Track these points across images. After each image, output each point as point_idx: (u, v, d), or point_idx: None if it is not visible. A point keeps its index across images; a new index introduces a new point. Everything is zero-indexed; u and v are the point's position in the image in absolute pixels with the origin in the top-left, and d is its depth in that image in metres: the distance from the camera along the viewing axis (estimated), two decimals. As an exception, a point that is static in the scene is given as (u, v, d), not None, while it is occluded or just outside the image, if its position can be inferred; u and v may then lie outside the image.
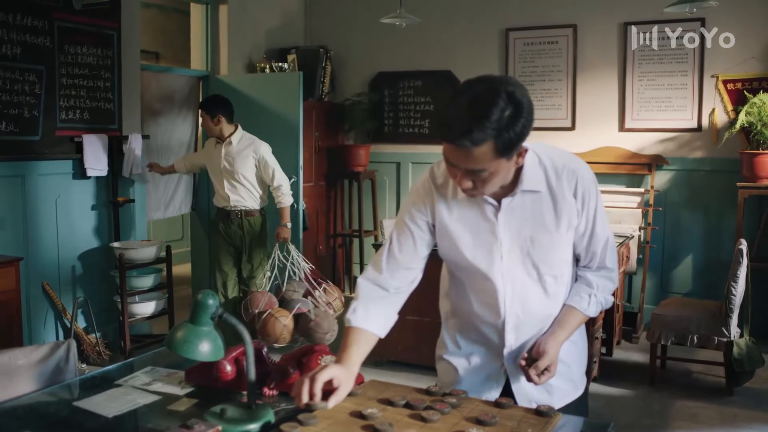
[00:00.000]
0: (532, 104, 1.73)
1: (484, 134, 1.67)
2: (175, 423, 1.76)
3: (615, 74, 6.36)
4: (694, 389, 4.86)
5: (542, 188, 1.91)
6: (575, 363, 2.13)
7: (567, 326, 2.00)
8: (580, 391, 2.14)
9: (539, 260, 1.96)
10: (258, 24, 7.08)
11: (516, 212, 1.92)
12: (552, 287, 1.99)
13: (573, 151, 6.31)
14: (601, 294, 2.05)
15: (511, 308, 1.98)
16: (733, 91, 5.99)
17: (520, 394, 2.02)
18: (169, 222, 8.06)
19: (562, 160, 1.95)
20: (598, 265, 2.05)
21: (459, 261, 2.00)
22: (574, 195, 1.93)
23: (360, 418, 1.68)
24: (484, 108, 1.67)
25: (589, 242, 2.01)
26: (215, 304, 1.74)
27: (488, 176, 1.76)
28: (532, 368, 1.88)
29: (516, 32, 6.69)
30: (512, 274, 1.96)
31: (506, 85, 1.70)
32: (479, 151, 1.69)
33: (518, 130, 1.70)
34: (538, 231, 1.93)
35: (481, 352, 2.07)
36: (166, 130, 6.36)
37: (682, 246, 6.27)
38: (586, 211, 1.96)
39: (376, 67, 7.31)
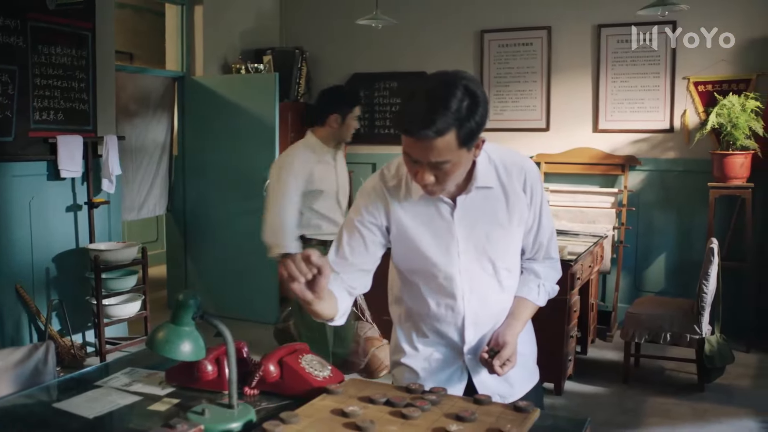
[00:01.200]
0: (486, 97, 1.78)
1: (447, 124, 1.70)
2: (157, 423, 1.76)
3: (589, 76, 6.43)
4: (667, 386, 4.93)
5: (494, 184, 1.97)
6: (529, 352, 2.19)
7: (521, 317, 2.07)
8: (536, 380, 2.20)
9: (494, 255, 2.00)
10: (233, 25, 7.07)
11: (471, 209, 1.96)
12: (506, 280, 2.05)
13: (547, 152, 6.47)
14: (549, 284, 2.14)
15: (470, 305, 2.01)
16: (703, 93, 6.08)
17: (483, 387, 2.04)
18: (144, 223, 8.02)
19: (510, 156, 2.02)
20: (544, 256, 2.13)
21: (416, 262, 2.02)
22: (523, 190, 2.00)
23: (341, 416, 1.69)
24: (443, 99, 1.71)
25: (536, 234, 2.08)
26: (196, 303, 1.75)
27: (450, 168, 1.79)
28: (496, 359, 1.92)
29: (491, 34, 6.74)
30: (469, 271, 1.99)
31: (461, 78, 1.75)
32: (442, 142, 1.72)
33: (478, 119, 1.75)
34: (492, 227, 1.98)
35: (441, 352, 2.08)
36: (141, 131, 6.33)
37: (655, 245, 6.35)
38: (534, 205, 2.03)
39: (352, 68, 7.32)
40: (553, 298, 2.24)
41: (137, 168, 6.32)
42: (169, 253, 7.06)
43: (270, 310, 6.38)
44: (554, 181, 6.50)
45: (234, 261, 6.52)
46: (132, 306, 5.37)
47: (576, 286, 4.72)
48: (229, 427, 1.69)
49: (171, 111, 6.67)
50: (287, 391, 1.91)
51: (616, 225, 6.18)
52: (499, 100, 6.72)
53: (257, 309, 6.39)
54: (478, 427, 1.64)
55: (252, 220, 6.38)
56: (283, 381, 1.92)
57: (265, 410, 1.83)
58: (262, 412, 1.81)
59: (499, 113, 6.74)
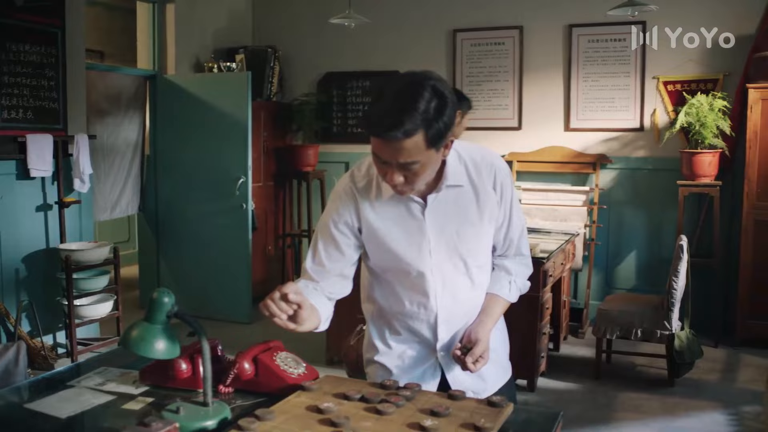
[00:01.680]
0: (454, 98, 1.79)
1: (415, 125, 1.71)
2: (131, 422, 1.74)
3: (560, 75, 6.49)
4: (638, 381, 5.00)
5: (465, 183, 1.98)
6: (501, 348, 2.21)
7: (493, 314, 2.08)
8: (508, 375, 2.22)
9: (466, 253, 2.02)
10: (205, 23, 7.04)
11: (441, 208, 1.97)
12: (478, 277, 2.07)
13: (519, 150, 6.52)
14: (520, 280, 2.16)
15: (443, 302, 2.03)
16: (673, 93, 6.16)
17: (456, 384, 2.06)
18: (116, 223, 7.95)
19: (480, 154, 2.03)
20: (515, 253, 2.15)
21: (388, 261, 2.02)
22: (493, 187, 2.02)
23: (316, 413, 1.70)
24: (411, 100, 1.72)
25: (507, 231, 2.10)
26: (171, 301, 1.75)
27: (420, 169, 1.80)
28: (469, 356, 1.93)
29: (463, 33, 6.77)
30: (441, 269, 2.00)
31: (429, 79, 1.76)
32: (410, 143, 1.73)
33: (446, 120, 1.76)
34: (463, 225, 1.99)
35: (414, 349, 2.09)
36: (113, 130, 6.28)
37: (626, 243, 6.42)
38: (504, 202, 2.04)
39: (325, 68, 7.32)
40: (525, 296, 2.26)
41: (109, 167, 6.26)
42: (141, 252, 7.01)
43: (242, 309, 6.36)
44: (526, 179, 6.55)
45: (206, 260, 6.49)
46: (104, 306, 5.32)
47: (548, 284, 4.76)
48: (203, 425, 1.69)
49: (143, 110, 6.61)
50: (262, 388, 1.91)
51: (588, 223, 6.24)
52: (472, 98, 6.70)
53: (230, 308, 6.37)
54: (452, 422, 1.66)
55: (224, 219, 6.38)
56: (258, 378, 1.92)
57: (240, 408, 1.83)
58: (237, 410, 1.81)
59: (471, 112, 6.73)
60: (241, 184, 6.29)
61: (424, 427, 1.61)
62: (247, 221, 6.35)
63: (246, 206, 6.31)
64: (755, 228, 5.58)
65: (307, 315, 1.80)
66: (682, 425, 4.26)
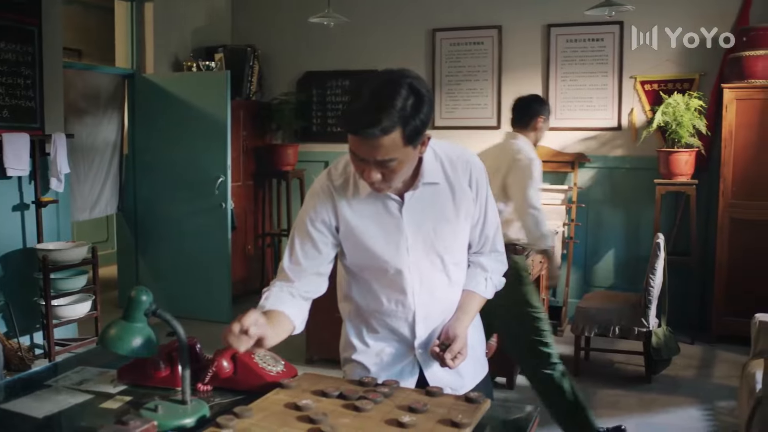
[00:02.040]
0: (431, 96, 1.81)
1: (392, 122, 1.72)
2: (109, 421, 1.74)
3: (539, 74, 6.53)
4: (615, 378, 5.04)
5: (441, 180, 2.00)
6: (478, 344, 2.22)
7: (470, 310, 2.10)
8: (485, 371, 2.23)
9: (443, 250, 2.03)
10: (184, 22, 7.01)
11: (418, 205, 1.98)
12: (455, 274, 2.08)
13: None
14: (496, 276, 2.18)
15: (420, 299, 2.03)
16: (650, 92, 6.22)
17: (434, 380, 2.06)
18: (94, 223, 7.90)
19: (455, 152, 2.05)
20: (490, 249, 2.17)
21: (366, 259, 2.03)
22: (469, 184, 2.03)
23: (295, 410, 1.70)
24: (388, 97, 1.73)
25: (483, 228, 2.11)
26: (149, 300, 1.75)
27: (397, 166, 1.81)
28: (447, 352, 1.94)
29: (442, 33, 6.79)
30: (419, 266, 2.01)
31: (406, 77, 1.78)
32: (388, 140, 1.74)
33: (423, 117, 1.77)
34: (440, 222, 2.01)
35: (392, 347, 2.09)
36: (91, 129, 6.24)
37: (604, 241, 6.47)
38: (480, 199, 2.06)
39: (304, 67, 7.31)
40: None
41: (89, 167, 6.22)
42: (120, 252, 6.97)
43: (222, 308, 6.34)
44: (505, 178, 6.57)
45: (186, 260, 6.47)
46: (82, 306, 5.29)
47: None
48: (182, 423, 1.70)
49: (122, 109, 6.58)
50: (241, 386, 1.92)
51: (566, 221, 6.29)
52: (451, 98, 6.79)
53: (210, 307, 6.34)
54: (429, 418, 1.67)
55: (204, 218, 6.36)
56: (237, 376, 1.92)
57: (219, 405, 1.84)
58: (215, 408, 1.82)
59: (450, 111, 6.81)
60: (221, 184, 6.27)
61: (401, 423, 1.62)
62: (227, 221, 6.33)
63: (225, 205, 6.30)
64: (731, 226, 5.65)
65: (273, 337, 1.78)
66: (658, 421, 4.30)
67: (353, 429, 1.61)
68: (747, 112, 5.53)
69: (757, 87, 5.48)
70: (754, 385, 3.44)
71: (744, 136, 5.55)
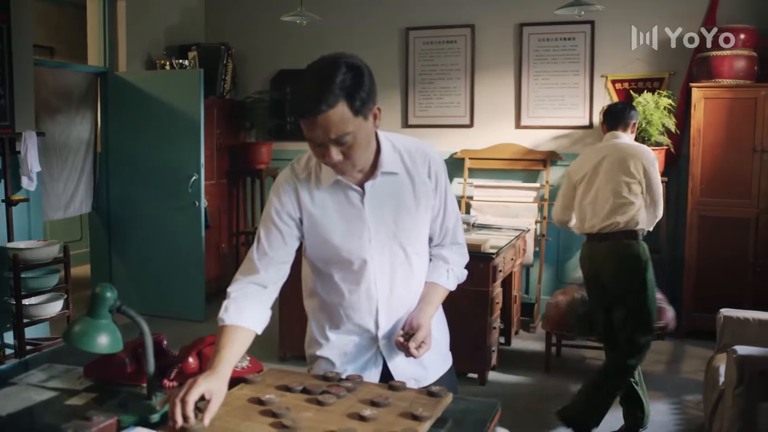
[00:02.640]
0: (369, 69, 1.87)
1: (335, 95, 1.78)
2: (73, 418, 1.75)
3: (511, 73, 6.58)
4: (586, 373, 5.06)
5: (400, 170, 2.04)
6: (442, 336, 2.25)
7: (433, 301, 2.13)
8: (449, 364, 2.26)
9: (404, 240, 2.07)
10: (157, 20, 6.99)
11: (379, 195, 2.02)
12: (417, 265, 2.11)
13: (471, 147, 6.59)
14: (457, 268, 2.21)
15: (383, 290, 2.07)
16: (621, 91, 6.29)
17: (398, 372, 2.09)
18: (67, 222, 7.84)
19: (413, 144, 2.10)
20: (451, 241, 2.21)
21: (329, 251, 2.06)
22: (428, 176, 2.08)
23: (258, 404, 1.73)
24: (327, 76, 1.80)
25: (443, 220, 2.15)
26: (113, 296, 1.76)
27: (353, 140, 1.84)
28: (412, 341, 1.96)
29: (416, 31, 6.83)
30: (381, 257, 2.05)
31: (341, 57, 1.85)
32: (336, 114, 1.78)
33: (366, 89, 1.82)
34: (400, 212, 2.05)
35: (356, 340, 2.12)
36: (64, 127, 6.19)
37: (577, 238, 6.48)
38: (440, 191, 2.11)
39: (278, 65, 7.31)
40: (475, 291, 2.32)
41: (62, 165, 6.18)
42: (93, 251, 6.93)
43: (196, 306, 6.34)
44: (478, 176, 6.64)
45: (159, 258, 6.45)
46: (54, 306, 5.25)
47: (498, 279, 4.83)
48: (146, 418, 1.71)
49: (95, 107, 6.54)
50: (206, 382, 1.93)
51: (538, 219, 6.35)
52: (424, 96, 6.83)
53: (184, 306, 6.34)
54: (391, 412, 1.70)
55: (177, 217, 6.35)
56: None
57: (184, 401, 1.85)
58: (180, 404, 1.83)
59: (423, 110, 6.85)
60: (194, 182, 6.26)
61: (363, 416, 1.65)
62: (200, 219, 6.32)
63: (199, 204, 6.29)
64: (699, 223, 5.73)
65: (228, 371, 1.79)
66: (627, 415, 4.36)
67: (315, 423, 1.63)
68: (715, 110, 5.62)
69: (724, 86, 5.57)
70: (717, 378, 3.51)
71: (712, 134, 5.64)
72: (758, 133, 5.51)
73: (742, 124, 5.56)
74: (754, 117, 5.52)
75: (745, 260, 5.60)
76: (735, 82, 5.56)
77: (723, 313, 3.90)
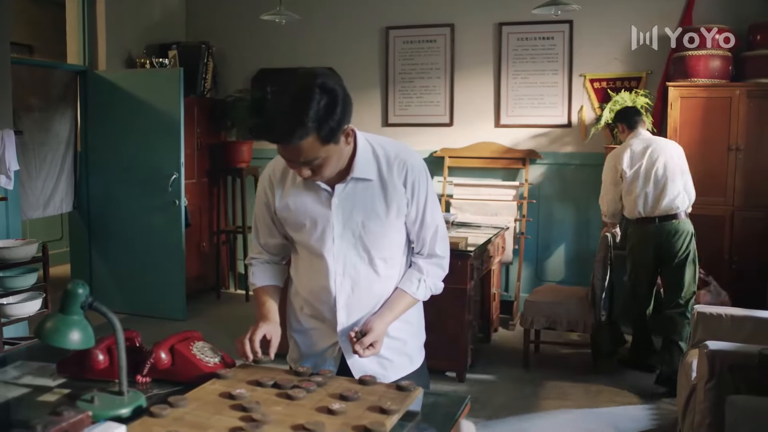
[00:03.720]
0: (345, 89, 1.86)
1: (306, 130, 1.79)
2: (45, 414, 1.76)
3: (490, 72, 6.62)
4: (564, 370, 5.15)
5: (373, 177, 2.06)
6: (410, 339, 2.27)
7: (394, 308, 2.15)
8: (416, 365, 2.28)
9: (370, 244, 2.10)
10: (137, 18, 6.97)
11: (348, 199, 2.06)
12: (383, 270, 2.14)
13: (451, 146, 6.62)
14: (431, 280, 2.21)
15: (342, 288, 2.11)
16: (599, 90, 6.35)
17: (356, 368, 2.14)
18: (48, 221, 7.81)
19: (395, 150, 2.11)
20: (428, 253, 2.21)
21: (299, 240, 2.17)
22: (404, 184, 2.08)
23: (229, 399, 1.74)
24: (301, 105, 1.79)
25: (419, 230, 2.17)
26: (85, 293, 1.77)
27: (323, 162, 1.91)
28: (358, 343, 2.02)
29: (396, 30, 6.85)
30: (344, 257, 2.10)
31: (316, 77, 1.82)
32: (306, 144, 1.83)
33: (337, 117, 1.83)
34: (369, 217, 2.08)
35: (317, 329, 2.20)
36: (43, 126, 6.17)
37: (555, 236, 6.59)
38: (416, 200, 2.11)
39: (259, 64, 7.32)
40: (452, 289, 2.34)
41: (41, 164, 6.16)
42: (73, 251, 6.91)
43: (177, 305, 6.34)
44: (457, 174, 6.67)
45: (140, 257, 6.44)
46: (32, 305, 5.22)
47: (474, 277, 4.86)
48: (118, 413, 1.72)
49: (74, 106, 6.52)
50: (179, 377, 1.95)
51: (518, 217, 6.39)
52: (404, 95, 6.85)
53: (164, 305, 6.33)
54: (360, 406, 1.72)
55: (157, 216, 6.34)
56: (175, 368, 1.96)
57: (157, 396, 1.87)
58: (153, 398, 1.85)
59: (403, 108, 6.87)
60: (174, 181, 6.26)
61: (332, 410, 1.68)
62: (181, 218, 6.32)
63: (179, 203, 6.29)
64: (676, 221, 5.78)
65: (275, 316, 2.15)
66: (604, 410, 4.41)
67: (284, 417, 1.65)
68: (691, 109, 5.68)
69: (700, 86, 5.63)
70: (690, 374, 3.56)
71: (688, 133, 5.69)
72: (733, 132, 5.58)
73: (717, 123, 5.63)
74: (729, 116, 5.58)
75: (721, 257, 5.67)
76: (710, 82, 5.62)
77: (697, 310, 3.96)
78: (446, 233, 2.25)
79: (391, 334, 2.17)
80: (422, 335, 2.35)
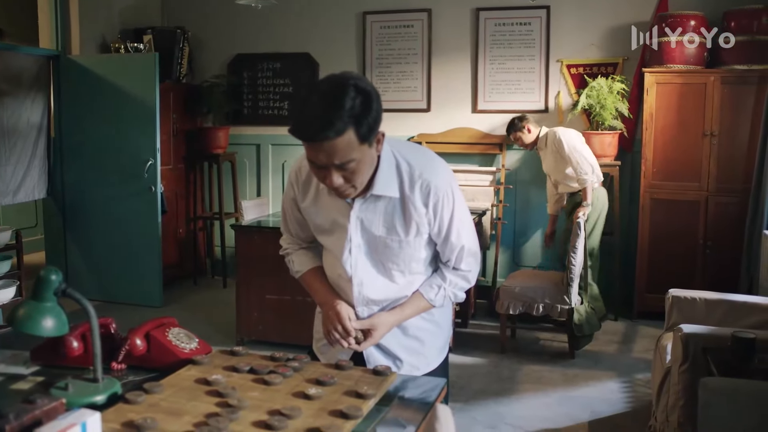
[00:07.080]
0: (377, 92, 1.85)
1: (344, 122, 1.76)
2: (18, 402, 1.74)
3: (468, 58, 6.62)
4: (540, 354, 5.19)
5: (394, 194, 2.03)
6: (430, 339, 2.28)
7: (406, 309, 2.17)
8: (433, 366, 2.30)
9: (387, 259, 2.11)
10: (112, 2, 6.89)
11: (367, 213, 2.05)
12: (400, 279, 2.15)
13: (428, 131, 6.61)
14: (451, 289, 2.20)
15: (360, 290, 2.14)
16: (576, 75, 6.37)
17: (371, 362, 2.18)
18: (21, 208, 7.72)
19: (420, 168, 2.04)
20: (454, 266, 2.20)
21: (320, 241, 2.21)
22: (425, 205, 2.04)
23: (204, 385, 1.74)
24: (336, 100, 1.76)
25: (443, 246, 2.15)
26: (58, 279, 1.75)
27: (356, 166, 1.86)
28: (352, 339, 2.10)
29: (373, 15, 6.82)
30: (360, 266, 2.11)
31: (350, 78, 1.81)
32: (343, 142, 1.78)
33: (374, 114, 1.81)
34: (386, 233, 2.07)
35: None
36: (14, 111, 6.08)
37: (532, 221, 6.62)
38: (439, 220, 2.08)
39: (235, 49, 7.27)
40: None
41: (11, 150, 6.08)
42: (48, 238, 6.84)
43: (154, 292, 6.30)
44: (436, 160, 6.66)
45: (116, 244, 6.39)
46: (6, 292, 5.18)
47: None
48: (92, 400, 1.70)
49: (47, 91, 6.43)
50: (154, 364, 1.94)
51: (495, 202, 6.41)
52: (381, 81, 6.83)
53: (141, 292, 6.30)
54: (336, 390, 1.73)
55: (133, 202, 6.29)
56: (150, 354, 1.95)
57: (132, 383, 1.85)
58: (128, 385, 1.83)
59: (381, 93, 6.76)
60: (150, 167, 6.20)
61: (308, 395, 1.67)
62: (157, 204, 6.27)
63: (155, 189, 6.24)
64: (651, 205, 5.84)
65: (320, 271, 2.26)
66: (580, 394, 4.46)
67: (260, 402, 1.65)
68: (666, 95, 5.72)
69: (675, 72, 5.66)
70: (664, 356, 3.60)
71: (663, 118, 5.74)
72: (708, 118, 5.63)
73: (692, 108, 5.67)
74: (704, 102, 5.63)
75: (696, 242, 5.73)
76: (686, 68, 5.66)
77: (672, 293, 3.99)
78: (476, 250, 2.22)
79: (410, 332, 2.20)
80: (443, 338, 2.35)
